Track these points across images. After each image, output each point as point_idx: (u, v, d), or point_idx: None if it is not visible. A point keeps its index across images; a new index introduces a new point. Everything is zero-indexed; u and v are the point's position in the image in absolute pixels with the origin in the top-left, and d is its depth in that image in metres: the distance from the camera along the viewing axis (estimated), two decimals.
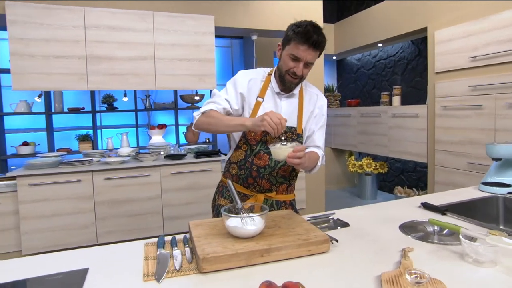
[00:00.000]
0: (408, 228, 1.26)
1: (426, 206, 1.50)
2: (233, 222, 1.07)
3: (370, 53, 5.04)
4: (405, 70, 4.46)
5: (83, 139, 3.87)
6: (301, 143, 1.42)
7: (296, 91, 1.42)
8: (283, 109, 1.40)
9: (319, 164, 1.44)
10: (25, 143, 3.59)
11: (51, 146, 3.84)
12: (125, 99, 3.84)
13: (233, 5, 3.41)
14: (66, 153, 3.47)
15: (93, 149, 3.84)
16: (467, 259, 0.98)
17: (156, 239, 1.21)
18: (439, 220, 1.22)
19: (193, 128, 1.37)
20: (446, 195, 1.78)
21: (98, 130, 4.22)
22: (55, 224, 2.78)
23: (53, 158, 2.94)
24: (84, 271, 1.00)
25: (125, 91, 3.81)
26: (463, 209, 1.51)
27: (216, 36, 4.50)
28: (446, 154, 3.24)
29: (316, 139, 1.46)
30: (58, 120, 3.99)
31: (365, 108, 4.43)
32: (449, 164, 3.22)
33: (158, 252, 1.10)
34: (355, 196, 4.92)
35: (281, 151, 1.17)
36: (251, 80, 1.40)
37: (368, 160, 4.52)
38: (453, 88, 3.15)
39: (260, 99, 1.38)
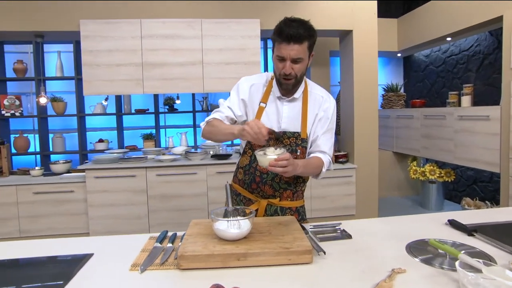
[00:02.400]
0: (416, 247, 1.13)
1: (453, 224, 1.32)
2: (217, 225, 1.11)
3: (440, 48, 4.53)
4: (480, 66, 3.91)
5: (147, 137, 4.29)
6: (306, 148, 1.38)
7: (298, 95, 1.37)
8: (285, 113, 1.37)
9: (324, 170, 1.37)
10: (100, 140, 4.14)
11: (121, 143, 4.34)
12: (178, 101, 4.13)
13: (279, 7, 3.41)
14: (128, 150, 3.89)
15: (155, 147, 4.23)
16: None
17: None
18: (440, 241, 1.08)
19: (202, 138, 1.43)
20: (495, 213, 1.54)
21: (162, 130, 4.64)
22: (115, 212, 3.16)
23: (115, 154, 3.34)
24: (89, 256, 1.14)
25: (177, 94, 4.10)
26: (503, 231, 1.29)
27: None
28: None
29: (321, 144, 1.39)
30: (127, 120, 4.50)
31: (428, 110, 4.00)
32: None
33: (154, 246, 1.19)
34: (417, 205, 4.49)
35: (263, 158, 1.16)
36: (252, 85, 1.41)
37: (432, 167, 4.08)
38: None
39: (263, 104, 1.37)
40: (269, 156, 1.14)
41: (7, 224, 3.12)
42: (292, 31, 1.21)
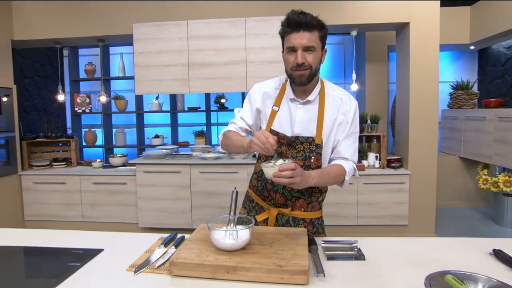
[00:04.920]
0: (438, 281, 0.96)
1: (498, 255, 1.10)
2: (214, 233, 1.07)
3: None
4: None
5: (198, 134, 4.46)
6: (320, 154, 1.26)
7: (312, 97, 1.28)
8: (298, 117, 1.28)
9: (347, 178, 1.26)
10: (156, 136, 4.41)
11: (174, 139, 4.58)
12: (223, 100, 4.19)
13: (325, 2, 3.22)
14: (178, 146, 4.07)
15: (206, 144, 4.37)
16: None
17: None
18: (471, 275, 0.89)
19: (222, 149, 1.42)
20: None
21: (214, 127, 4.77)
22: (161, 206, 3.34)
23: (163, 150, 3.52)
24: (98, 251, 1.20)
25: (222, 93, 4.16)
26: None
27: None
28: None
29: (342, 150, 1.28)
30: (181, 117, 4.73)
31: (505, 111, 3.44)
32: None
33: (157, 247, 1.21)
34: (489, 219, 3.91)
35: (267, 169, 1.10)
36: (265, 92, 1.36)
37: (507, 177, 3.51)
38: None
39: (275, 108, 1.32)
40: (273, 167, 1.08)
41: (73, 208, 3.51)
42: (301, 19, 1.18)
